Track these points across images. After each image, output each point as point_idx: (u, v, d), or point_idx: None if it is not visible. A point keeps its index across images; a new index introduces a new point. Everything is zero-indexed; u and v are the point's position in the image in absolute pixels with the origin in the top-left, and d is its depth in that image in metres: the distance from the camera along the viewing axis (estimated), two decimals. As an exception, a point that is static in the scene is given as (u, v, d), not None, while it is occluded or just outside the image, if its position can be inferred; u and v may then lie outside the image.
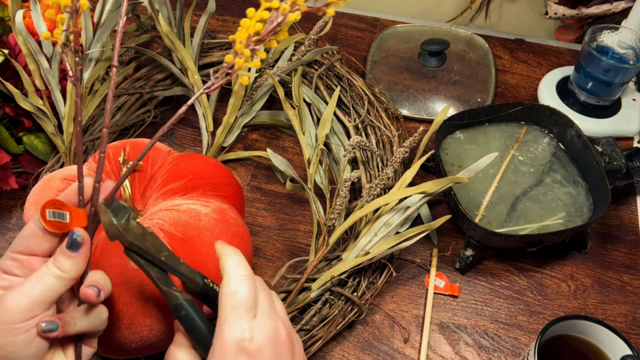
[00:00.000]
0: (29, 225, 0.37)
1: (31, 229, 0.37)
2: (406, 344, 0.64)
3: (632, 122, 0.82)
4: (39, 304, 0.36)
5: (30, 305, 0.35)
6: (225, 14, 0.99)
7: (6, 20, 0.76)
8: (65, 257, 0.37)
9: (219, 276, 0.52)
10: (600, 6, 0.91)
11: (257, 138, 0.82)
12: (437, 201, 0.75)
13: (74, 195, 0.39)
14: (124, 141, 0.60)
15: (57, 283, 0.36)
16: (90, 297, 0.37)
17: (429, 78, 0.87)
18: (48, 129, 0.72)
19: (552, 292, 0.68)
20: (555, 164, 0.74)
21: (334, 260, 0.64)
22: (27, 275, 0.37)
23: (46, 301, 0.36)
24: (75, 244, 0.37)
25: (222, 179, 0.59)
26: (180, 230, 0.51)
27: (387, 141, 0.75)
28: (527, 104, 0.75)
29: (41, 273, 0.36)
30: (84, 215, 0.38)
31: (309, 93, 0.77)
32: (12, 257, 0.38)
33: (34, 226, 0.37)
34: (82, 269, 0.38)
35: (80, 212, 0.38)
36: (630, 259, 0.71)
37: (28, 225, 0.38)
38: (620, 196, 0.76)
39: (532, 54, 0.94)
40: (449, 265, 0.70)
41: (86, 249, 0.38)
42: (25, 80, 0.70)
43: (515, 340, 0.64)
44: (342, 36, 0.96)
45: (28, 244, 0.37)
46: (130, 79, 0.81)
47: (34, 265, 0.38)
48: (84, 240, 0.37)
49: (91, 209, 0.39)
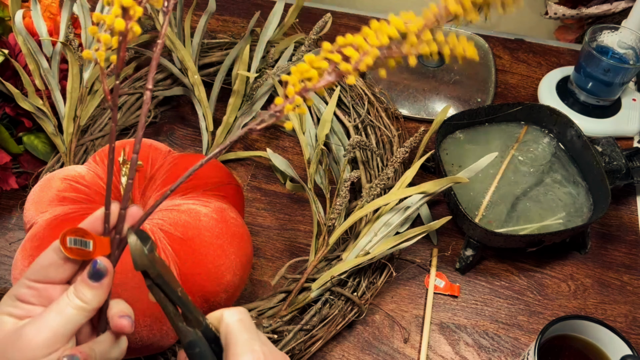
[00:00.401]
0: (48, 254, 0.35)
1: (50, 258, 0.35)
2: (406, 344, 0.64)
3: (632, 122, 0.82)
4: (60, 337, 0.34)
5: (51, 338, 0.34)
6: (225, 14, 0.99)
7: (6, 20, 0.76)
8: (87, 288, 0.35)
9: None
10: (600, 6, 0.91)
11: (257, 138, 0.82)
12: (437, 201, 0.75)
13: (97, 222, 0.37)
14: (123, 141, 0.60)
15: (78, 314, 0.35)
16: (125, 327, 0.36)
17: (429, 78, 0.87)
18: (48, 129, 0.72)
19: (552, 292, 0.68)
20: (555, 164, 0.74)
21: (334, 260, 0.64)
22: (44, 304, 0.36)
23: (67, 334, 0.35)
24: (98, 274, 0.35)
25: (222, 179, 0.59)
26: (180, 230, 0.51)
27: (387, 141, 0.75)
28: (527, 104, 0.75)
29: (62, 304, 0.35)
30: (107, 243, 0.37)
31: (309, 93, 0.77)
32: (28, 285, 0.36)
33: (54, 255, 0.35)
34: (104, 299, 0.36)
35: (103, 241, 0.37)
36: (630, 259, 0.71)
37: (46, 254, 0.36)
38: (620, 196, 0.76)
39: (532, 54, 0.94)
40: (449, 265, 0.70)
41: (109, 279, 0.36)
42: (25, 80, 0.70)
43: (515, 340, 0.64)
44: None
45: (46, 273, 0.36)
46: (130, 79, 0.81)
47: (52, 294, 0.36)
48: (107, 270, 0.36)
49: (115, 236, 0.37)
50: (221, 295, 0.53)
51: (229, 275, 0.52)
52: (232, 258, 0.53)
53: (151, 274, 0.35)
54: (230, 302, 0.56)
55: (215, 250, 0.51)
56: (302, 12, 0.82)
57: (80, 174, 0.56)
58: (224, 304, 0.54)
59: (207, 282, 0.51)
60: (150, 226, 0.51)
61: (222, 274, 0.52)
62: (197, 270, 0.51)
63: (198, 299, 0.52)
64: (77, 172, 0.56)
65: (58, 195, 0.53)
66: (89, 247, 0.35)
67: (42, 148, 0.73)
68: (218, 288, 0.52)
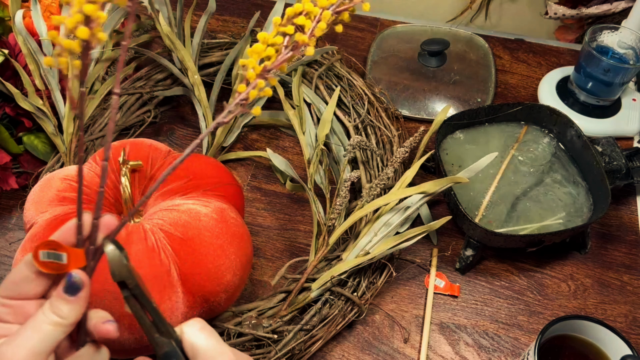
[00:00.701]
0: (20, 269, 0.34)
1: (22, 273, 0.34)
2: (406, 344, 0.64)
3: (632, 122, 0.82)
4: (38, 356, 0.33)
5: (29, 357, 0.32)
6: (225, 14, 0.99)
7: (6, 20, 0.76)
8: (63, 302, 0.33)
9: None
10: (600, 6, 0.91)
11: (257, 138, 0.82)
12: (437, 201, 0.75)
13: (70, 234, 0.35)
14: (123, 141, 0.60)
15: (55, 331, 0.33)
16: (111, 332, 0.35)
17: (429, 78, 0.87)
18: (48, 129, 0.72)
19: (552, 292, 0.68)
20: (555, 164, 0.74)
21: (334, 260, 0.64)
22: (20, 321, 0.34)
23: (45, 351, 0.33)
24: (74, 287, 0.34)
25: (222, 179, 0.59)
26: (180, 230, 0.51)
27: (387, 141, 0.75)
28: (527, 104, 0.75)
29: (37, 321, 0.33)
30: (81, 255, 0.35)
31: (309, 93, 0.77)
32: (1, 303, 0.34)
33: (26, 270, 0.34)
34: (81, 313, 0.34)
35: (78, 252, 0.35)
36: (630, 259, 0.71)
37: (18, 269, 0.34)
38: (620, 196, 0.76)
39: (532, 54, 0.94)
40: (449, 265, 0.70)
41: (86, 291, 0.34)
42: (25, 80, 0.70)
43: (515, 340, 0.64)
44: (342, 36, 0.96)
45: (19, 290, 0.34)
46: (130, 79, 0.81)
47: (27, 310, 0.34)
48: (83, 283, 0.34)
49: (90, 247, 0.35)
50: (221, 295, 0.53)
51: (229, 275, 0.52)
52: (232, 258, 0.53)
53: (129, 284, 0.34)
54: (230, 302, 0.56)
55: (215, 250, 0.51)
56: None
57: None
58: (224, 304, 0.54)
59: (207, 282, 0.51)
60: (150, 226, 0.51)
61: (222, 274, 0.52)
62: (197, 270, 0.51)
63: (198, 299, 0.52)
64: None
65: (58, 195, 0.53)
66: (63, 260, 0.34)
67: (42, 148, 0.73)
68: (218, 288, 0.52)
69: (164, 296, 0.49)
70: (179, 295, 0.50)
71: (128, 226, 0.51)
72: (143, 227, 0.51)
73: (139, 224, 0.52)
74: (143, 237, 0.50)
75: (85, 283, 0.34)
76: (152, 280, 0.49)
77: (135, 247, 0.49)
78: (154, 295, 0.49)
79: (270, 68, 0.32)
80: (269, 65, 0.32)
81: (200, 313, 0.53)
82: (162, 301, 0.49)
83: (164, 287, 0.49)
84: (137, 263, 0.49)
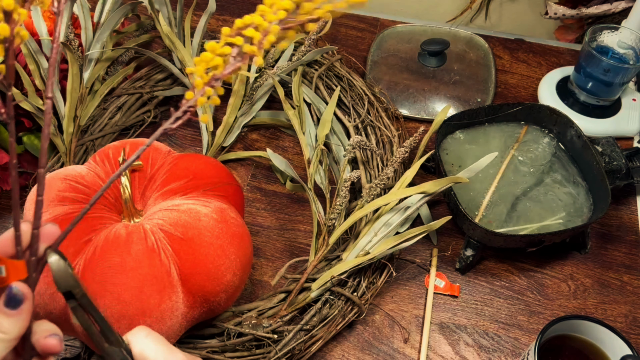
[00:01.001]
0: None
1: None
2: (406, 344, 0.64)
3: (632, 122, 0.82)
4: None
5: None
6: (225, 14, 0.99)
7: (6, 20, 0.75)
8: (4, 317, 0.32)
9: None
10: (600, 6, 0.91)
11: (257, 138, 0.82)
12: (437, 201, 0.75)
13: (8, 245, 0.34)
14: (123, 141, 0.60)
15: None
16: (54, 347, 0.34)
17: (429, 78, 0.87)
18: (48, 129, 0.72)
19: (552, 292, 0.68)
20: (555, 164, 0.74)
21: (334, 260, 0.64)
22: None
23: None
24: (14, 300, 0.32)
25: (222, 179, 0.59)
26: (180, 230, 0.51)
27: (387, 141, 0.75)
28: (527, 104, 0.75)
29: None
30: (22, 266, 0.33)
31: (309, 93, 0.77)
32: None
33: None
34: (25, 326, 0.33)
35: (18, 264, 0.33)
36: (630, 259, 0.71)
37: None
38: (620, 196, 0.76)
39: (532, 54, 0.94)
40: (449, 265, 0.70)
41: (28, 304, 0.33)
42: (25, 80, 0.70)
43: (515, 340, 0.64)
44: (342, 36, 0.96)
45: None
46: (130, 79, 0.81)
47: None
48: (24, 296, 0.32)
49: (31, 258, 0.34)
50: (221, 295, 0.53)
51: (229, 275, 0.52)
52: (232, 258, 0.53)
53: (76, 294, 0.34)
54: (230, 302, 0.56)
55: (215, 250, 0.51)
56: (302, 12, 0.82)
57: (80, 174, 0.56)
58: (224, 304, 0.54)
59: (207, 282, 0.51)
60: (150, 226, 0.51)
61: (222, 274, 0.52)
62: (197, 270, 0.51)
63: (198, 299, 0.52)
64: (77, 172, 0.56)
65: (58, 195, 0.53)
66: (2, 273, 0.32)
67: (42, 148, 0.73)
68: (218, 288, 0.52)
69: (164, 296, 0.49)
70: (179, 296, 0.50)
71: (128, 226, 0.51)
72: (143, 227, 0.51)
73: (139, 224, 0.52)
74: (143, 237, 0.50)
75: (27, 296, 0.33)
76: (152, 280, 0.49)
77: (135, 247, 0.49)
78: (154, 295, 0.49)
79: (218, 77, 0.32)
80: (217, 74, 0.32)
81: (200, 313, 0.53)
82: (162, 301, 0.49)
83: (164, 287, 0.49)
84: (137, 263, 0.49)
